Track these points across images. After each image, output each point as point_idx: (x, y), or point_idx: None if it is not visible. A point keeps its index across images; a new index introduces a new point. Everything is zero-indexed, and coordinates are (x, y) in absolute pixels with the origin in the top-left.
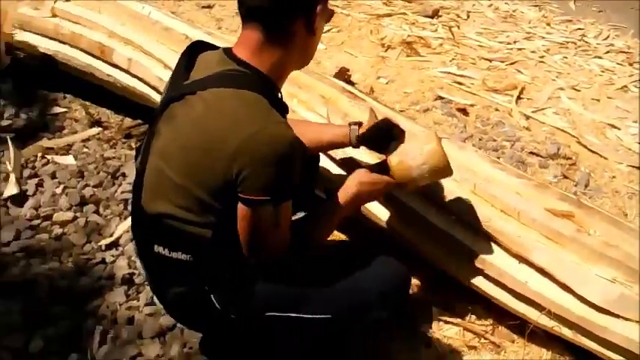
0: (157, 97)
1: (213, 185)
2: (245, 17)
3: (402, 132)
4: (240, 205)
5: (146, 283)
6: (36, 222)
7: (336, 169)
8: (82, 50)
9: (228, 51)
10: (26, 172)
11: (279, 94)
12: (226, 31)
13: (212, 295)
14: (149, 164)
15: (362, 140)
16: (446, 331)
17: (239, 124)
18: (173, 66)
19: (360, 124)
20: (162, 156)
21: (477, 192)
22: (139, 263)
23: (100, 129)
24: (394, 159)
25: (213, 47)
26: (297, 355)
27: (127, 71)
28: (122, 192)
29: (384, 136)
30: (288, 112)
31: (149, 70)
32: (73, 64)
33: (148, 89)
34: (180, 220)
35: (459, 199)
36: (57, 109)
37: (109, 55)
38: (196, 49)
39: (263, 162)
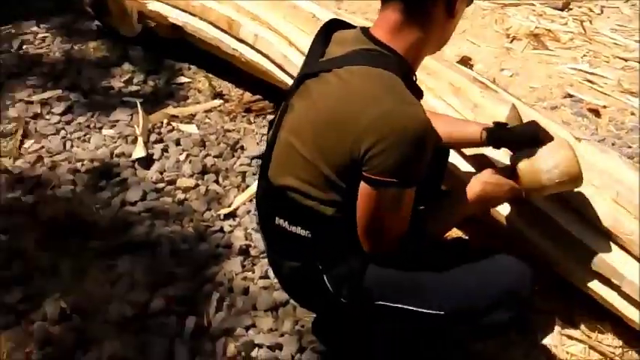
0: (280, 75)
1: (341, 163)
2: None
3: (550, 139)
4: (362, 185)
5: (262, 255)
6: (160, 185)
7: (465, 167)
8: (210, 23)
9: (365, 30)
10: (152, 137)
11: (414, 78)
12: (345, 12)
13: (325, 276)
14: (279, 138)
15: (502, 142)
16: (569, 346)
17: (373, 102)
18: (298, 44)
19: (503, 125)
20: (293, 130)
21: (619, 201)
22: (255, 236)
23: (221, 101)
24: (523, 162)
25: (350, 26)
26: (395, 347)
27: (252, 47)
28: (240, 164)
29: (527, 141)
30: (422, 97)
31: (274, 46)
32: (200, 35)
33: (271, 66)
34: (304, 194)
35: (597, 206)
36: (182, 79)
37: (236, 30)
38: (332, 27)
39: (394, 141)
